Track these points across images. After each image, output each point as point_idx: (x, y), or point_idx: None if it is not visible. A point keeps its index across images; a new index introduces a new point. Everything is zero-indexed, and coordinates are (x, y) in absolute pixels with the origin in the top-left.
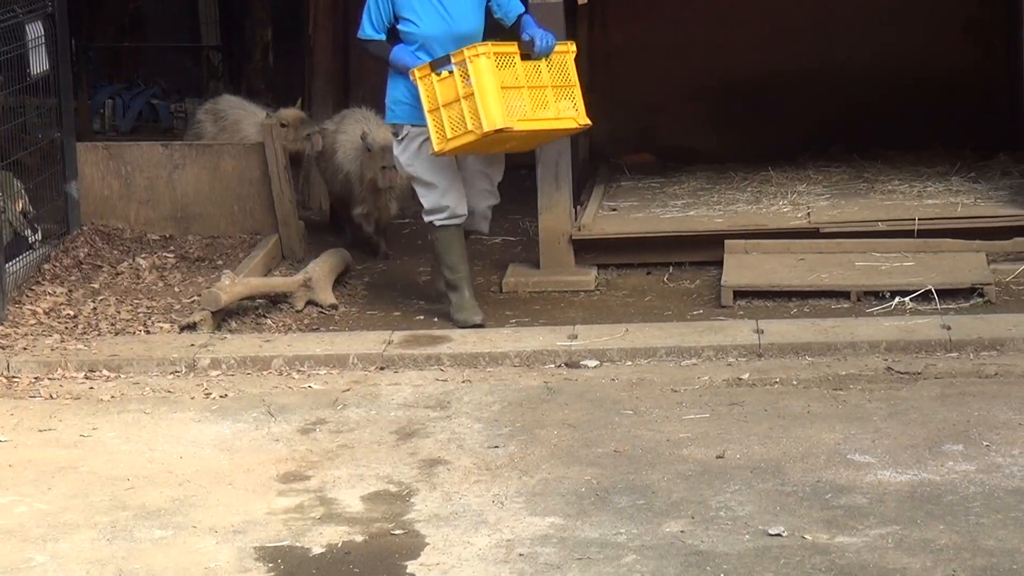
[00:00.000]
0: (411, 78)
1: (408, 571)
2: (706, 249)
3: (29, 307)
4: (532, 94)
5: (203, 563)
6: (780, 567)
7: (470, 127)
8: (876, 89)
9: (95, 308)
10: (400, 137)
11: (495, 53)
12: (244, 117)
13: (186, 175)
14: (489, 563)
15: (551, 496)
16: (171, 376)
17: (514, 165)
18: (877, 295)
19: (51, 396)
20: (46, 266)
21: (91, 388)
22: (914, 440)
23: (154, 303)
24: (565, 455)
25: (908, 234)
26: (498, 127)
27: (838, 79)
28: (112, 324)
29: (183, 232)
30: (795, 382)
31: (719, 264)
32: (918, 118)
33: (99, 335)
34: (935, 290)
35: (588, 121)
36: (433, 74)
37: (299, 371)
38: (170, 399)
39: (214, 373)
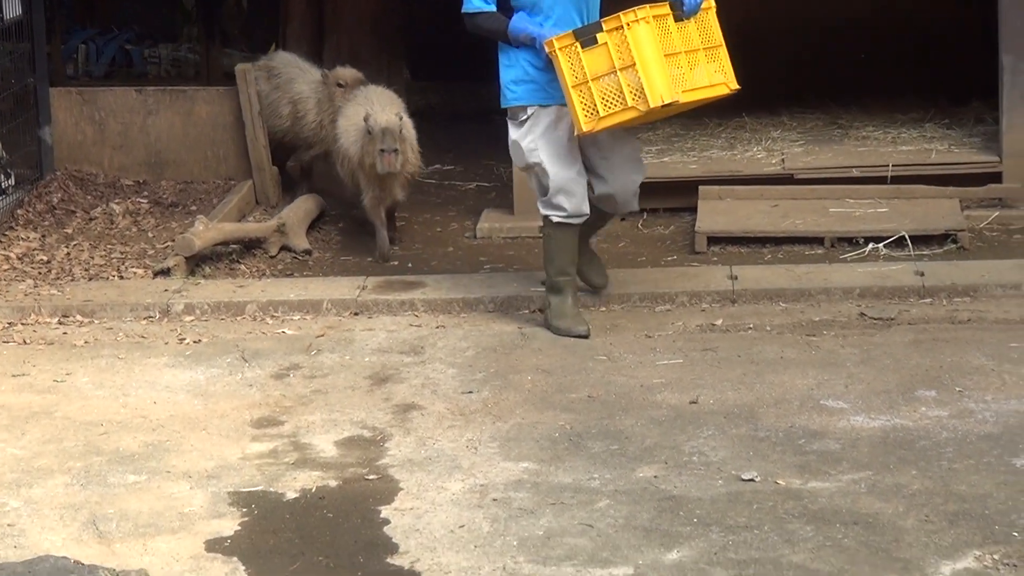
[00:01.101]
0: (546, 50)
1: (382, 516)
2: (680, 195)
3: (2, 252)
4: (688, 59)
5: (177, 508)
6: (753, 512)
7: (631, 102)
8: (851, 35)
9: (68, 253)
10: (521, 120)
11: (653, 17)
12: (298, 75)
13: (160, 120)
14: (463, 508)
15: (525, 441)
16: (145, 321)
17: (488, 111)
18: (851, 241)
19: (24, 341)
20: (19, 211)
21: (65, 333)
22: (887, 386)
23: (128, 248)
24: (539, 400)
25: (882, 180)
26: (666, 101)
27: (813, 26)
28: (86, 269)
29: (157, 177)
30: (769, 328)
31: (693, 210)
32: (893, 65)
33: (72, 280)
34: (908, 236)
35: (737, 85)
36: (577, 43)
37: (273, 316)
38: (144, 344)
39: (188, 318)
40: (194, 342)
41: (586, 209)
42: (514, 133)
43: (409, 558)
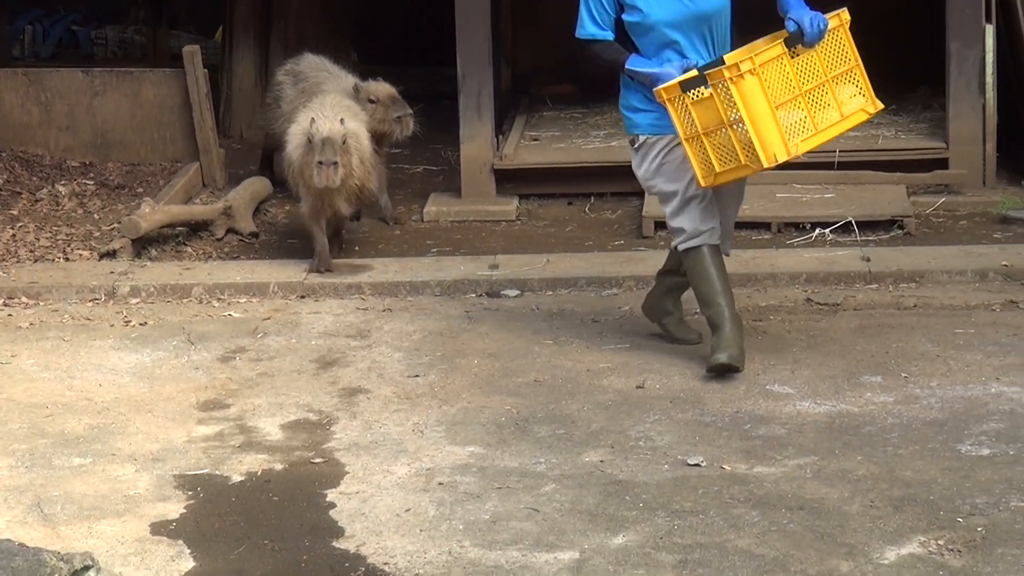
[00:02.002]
0: (657, 99)
1: (327, 499)
2: (627, 180)
3: None
4: (810, 98)
5: (122, 491)
6: (699, 497)
7: (744, 160)
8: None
9: (14, 235)
10: (636, 147)
11: (760, 64)
12: (327, 79)
13: (107, 102)
14: (408, 492)
15: (471, 425)
16: (90, 303)
17: (436, 94)
18: (797, 226)
19: None
20: None
21: (10, 315)
22: (833, 371)
23: (73, 230)
24: (485, 384)
25: (829, 166)
26: (779, 161)
27: (760, 7)
28: (31, 251)
29: (103, 159)
30: None
31: (640, 195)
32: None
33: (18, 262)
34: (855, 222)
35: (880, 105)
36: (685, 95)
37: (219, 299)
38: (89, 326)
39: (134, 301)
40: (140, 324)
41: (706, 227)
42: (632, 159)
43: (355, 542)
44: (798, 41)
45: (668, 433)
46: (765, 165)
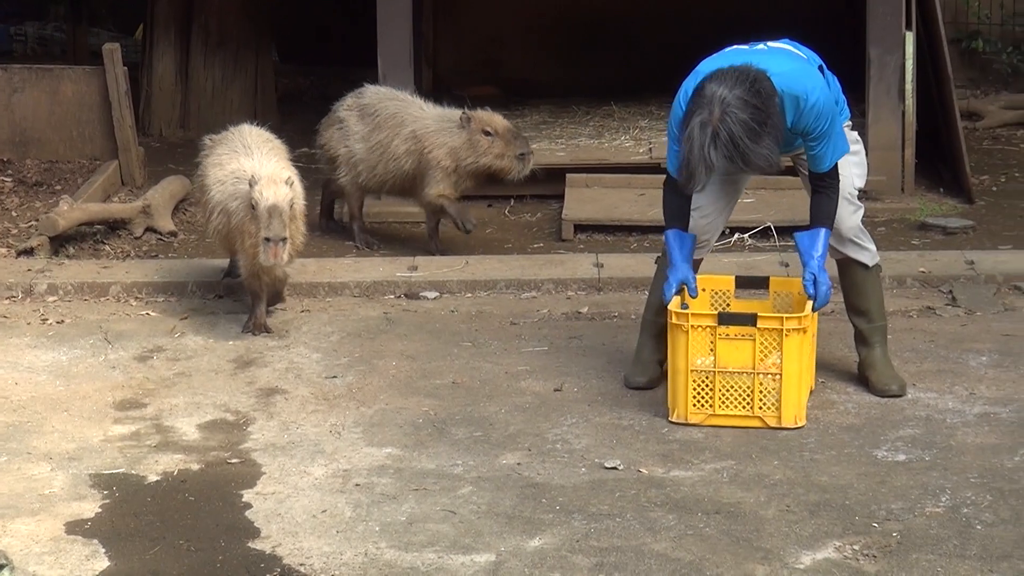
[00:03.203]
0: (671, 318)
1: (244, 500)
2: (548, 183)
3: None
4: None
5: (38, 489)
6: (615, 500)
7: (758, 411)
8: (720, 26)
9: None
10: None
11: (805, 329)
12: (404, 109)
13: (25, 99)
14: (325, 493)
15: (388, 427)
16: (7, 301)
17: None
18: None
19: None
20: None
21: None
22: None
23: None
24: (403, 386)
25: None
26: (800, 424)
27: (683, 14)
28: None
29: (21, 156)
30: (634, 316)
31: (560, 198)
32: None
33: None
34: (774, 227)
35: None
36: (718, 329)
37: (137, 298)
38: (6, 324)
39: (51, 299)
40: (57, 323)
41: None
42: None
43: (271, 543)
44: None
45: (585, 436)
46: (783, 424)
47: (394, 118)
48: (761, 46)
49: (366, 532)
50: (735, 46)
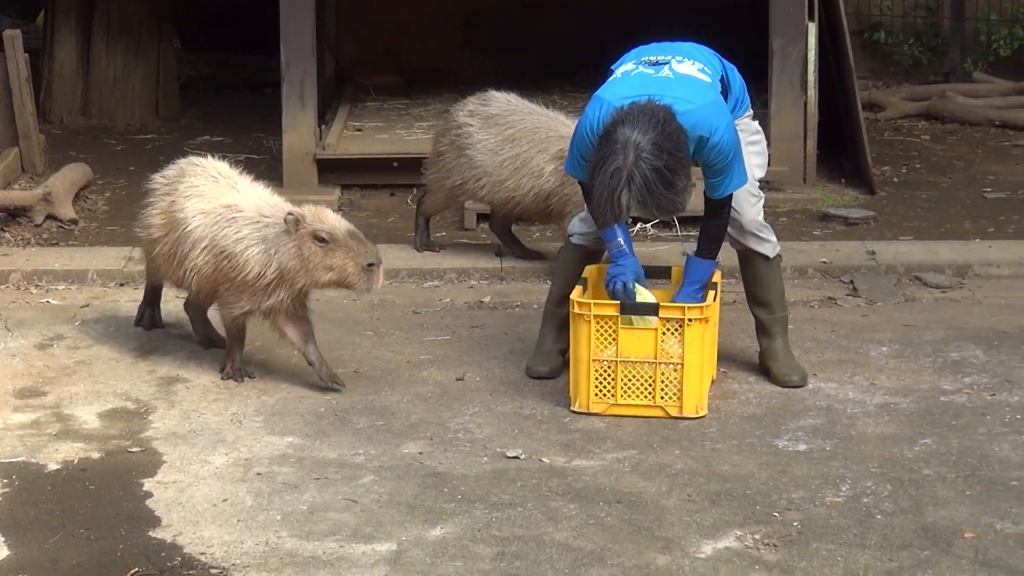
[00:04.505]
0: (572, 308)
1: (144, 488)
2: None
3: None
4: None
5: None
6: (517, 490)
7: (659, 401)
8: (623, 14)
9: None
10: None
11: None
12: (540, 122)
13: None
14: (226, 481)
15: (290, 416)
16: None
17: (259, 84)
18: None
19: None
20: None
21: None
22: None
23: None
24: (305, 375)
25: None
26: (701, 413)
27: (586, 2)
28: None
29: None
30: (536, 306)
31: None
32: None
33: None
34: (676, 217)
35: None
36: (620, 319)
37: (37, 286)
38: None
39: None
40: None
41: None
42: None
43: (171, 531)
44: None
45: (487, 425)
46: (684, 413)
47: (528, 134)
48: (665, 69)
49: (267, 521)
50: (640, 53)
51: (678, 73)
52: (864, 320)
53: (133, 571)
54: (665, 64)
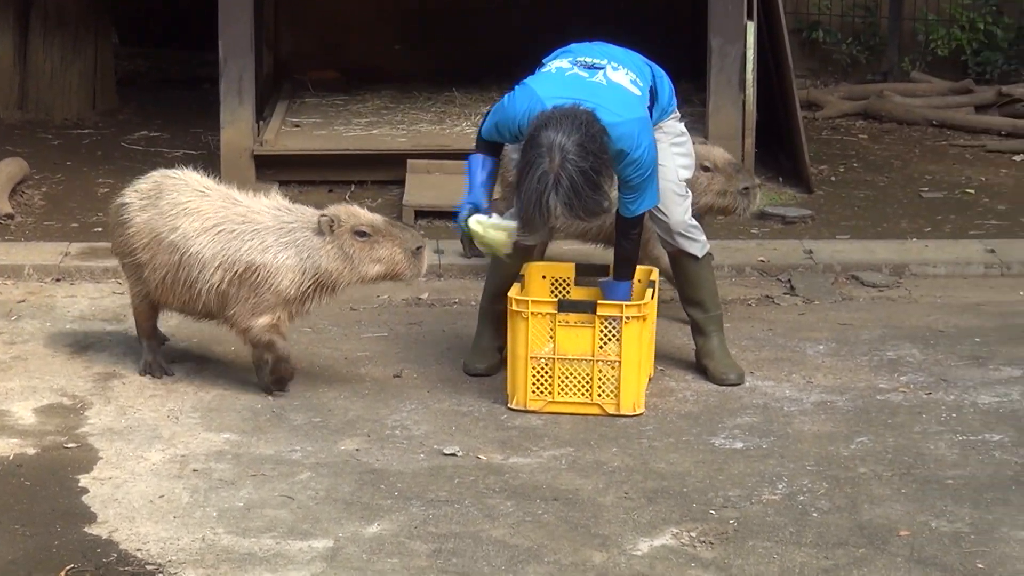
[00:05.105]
0: (511, 306)
1: (80, 484)
2: (389, 168)
3: None
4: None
5: None
6: (454, 487)
7: (596, 399)
8: (560, 12)
9: None
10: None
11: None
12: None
13: None
14: (163, 478)
15: (226, 412)
16: None
17: (196, 78)
18: None
19: None
20: None
21: None
22: None
23: None
24: (242, 371)
25: None
26: (638, 411)
27: (521, 2)
28: None
29: None
30: (473, 303)
31: (401, 183)
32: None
33: None
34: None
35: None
36: (557, 316)
37: None
38: None
39: None
40: None
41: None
42: None
43: (107, 528)
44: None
45: (425, 422)
46: (622, 411)
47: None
48: (599, 75)
49: (203, 518)
50: (576, 52)
51: (611, 81)
52: (801, 319)
53: (68, 567)
54: (600, 69)
